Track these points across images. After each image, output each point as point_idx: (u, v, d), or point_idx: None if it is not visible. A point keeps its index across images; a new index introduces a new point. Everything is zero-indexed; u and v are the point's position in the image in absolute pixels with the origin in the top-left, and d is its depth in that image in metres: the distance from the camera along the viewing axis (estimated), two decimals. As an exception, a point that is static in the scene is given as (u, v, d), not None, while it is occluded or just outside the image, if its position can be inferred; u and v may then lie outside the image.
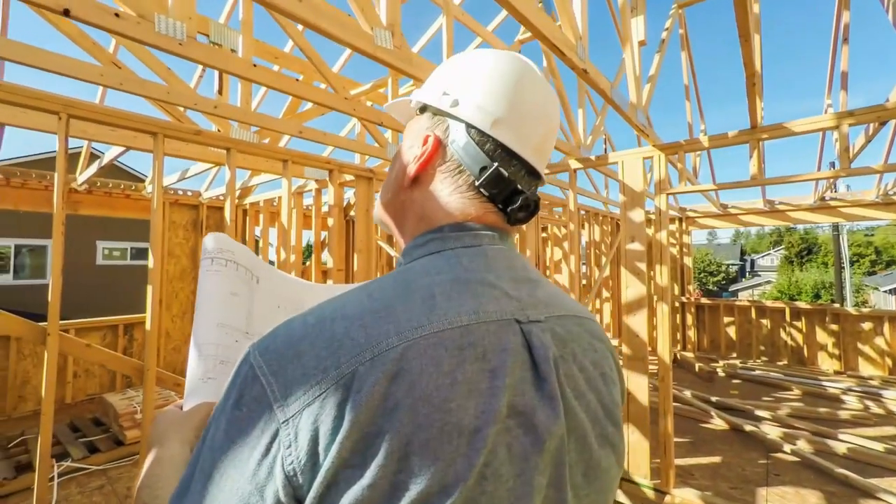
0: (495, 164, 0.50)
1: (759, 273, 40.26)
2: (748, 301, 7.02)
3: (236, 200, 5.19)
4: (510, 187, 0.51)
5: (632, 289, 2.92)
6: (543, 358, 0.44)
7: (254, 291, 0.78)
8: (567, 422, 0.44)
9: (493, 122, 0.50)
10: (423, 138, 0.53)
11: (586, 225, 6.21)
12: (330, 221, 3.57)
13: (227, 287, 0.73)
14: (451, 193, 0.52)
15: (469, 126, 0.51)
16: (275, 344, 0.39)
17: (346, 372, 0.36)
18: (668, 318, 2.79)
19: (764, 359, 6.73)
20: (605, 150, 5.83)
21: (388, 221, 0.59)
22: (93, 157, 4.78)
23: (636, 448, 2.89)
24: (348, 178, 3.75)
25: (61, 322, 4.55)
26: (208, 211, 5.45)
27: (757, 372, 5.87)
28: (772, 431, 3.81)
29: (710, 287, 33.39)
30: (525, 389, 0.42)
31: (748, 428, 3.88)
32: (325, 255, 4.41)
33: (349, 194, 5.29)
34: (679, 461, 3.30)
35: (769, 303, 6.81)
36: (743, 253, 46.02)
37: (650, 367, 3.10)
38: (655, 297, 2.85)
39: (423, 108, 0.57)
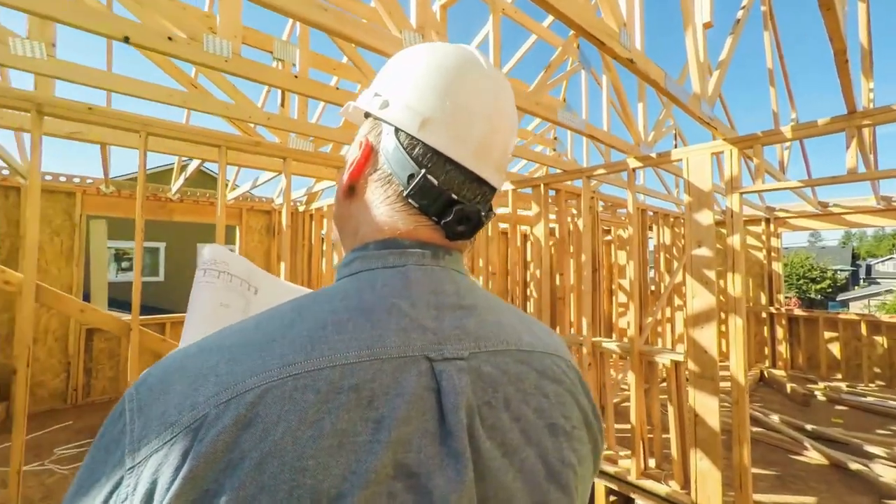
0: (423, 171, 0.44)
1: (878, 280, 34.55)
2: (857, 315, 6.00)
3: (301, 205, 5.56)
4: (443, 197, 0.44)
5: (698, 299, 2.61)
6: (453, 406, 0.36)
7: (250, 303, 0.78)
8: (482, 486, 0.36)
9: (422, 123, 0.44)
10: (357, 144, 0.49)
11: (654, 227, 5.74)
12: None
13: (217, 298, 0.74)
14: (381, 205, 0.46)
15: (397, 129, 0.45)
16: (152, 376, 0.35)
17: (199, 415, 0.31)
18: (742, 334, 2.45)
19: (879, 383, 5.71)
20: (675, 145, 5.35)
21: (335, 237, 0.55)
22: (183, 169, 5.39)
23: (705, 477, 2.57)
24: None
25: (165, 316, 5.20)
26: (280, 216, 5.88)
27: (869, 399, 5.00)
28: (887, 473, 3.20)
29: (813, 296, 29.26)
30: (423, 444, 0.35)
31: (854, 466, 3.30)
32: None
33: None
34: (761, 497, 2.90)
35: (886, 317, 5.77)
36: (855, 257, 39.83)
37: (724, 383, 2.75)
38: (728, 309, 2.53)
39: (367, 113, 0.52)
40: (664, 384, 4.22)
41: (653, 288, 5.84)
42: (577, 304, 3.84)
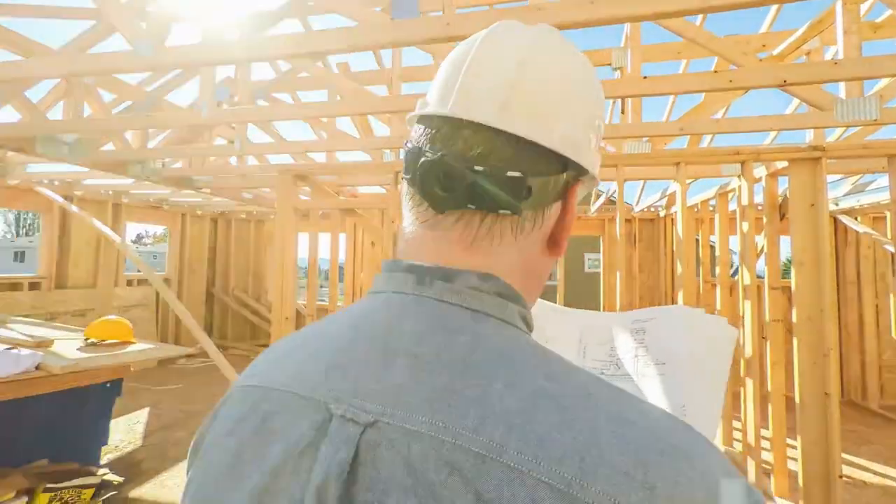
0: (407, 143, 0.41)
1: None
2: None
3: (662, 210, 5.11)
4: (415, 157, 0.38)
5: None
6: (313, 485, 0.29)
7: None
8: None
9: (420, 106, 0.42)
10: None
11: None
12: (744, 225, 2.82)
13: None
14: (404, 209, 0.42)
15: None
16: None
17: None
18: None
19: None
20: None
21: None
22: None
23: None
24: (780, 165, 2.82)
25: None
26: (640, 224, 5.70)
27: None
28: None
29: None
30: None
31: None
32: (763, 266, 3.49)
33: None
34: None
35: None
36: None
37: None
38: None
39: None
40: None
41: None
42: None
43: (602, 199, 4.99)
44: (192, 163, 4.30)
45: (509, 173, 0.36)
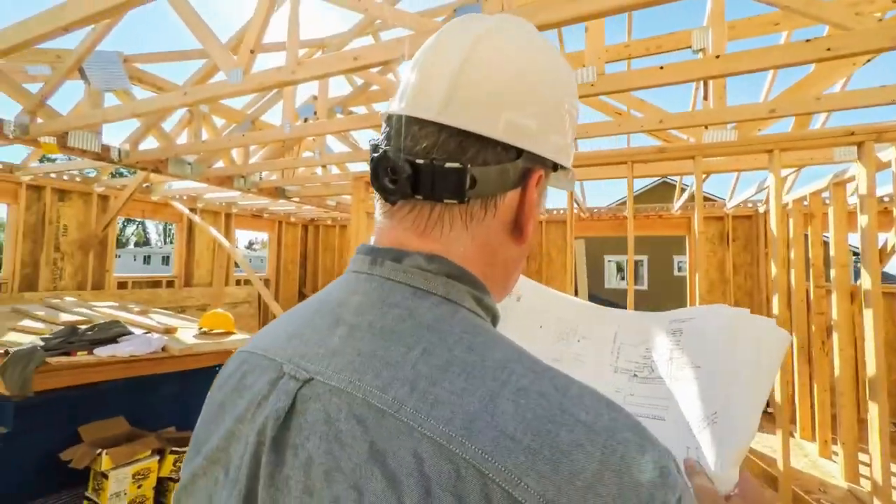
0: (370, 141, 0.45)
1: None
2: None
3: (762, 205, 4.49)
4: (374, 154, 0.41)
5: None
6: (255, 428, 0.35)
7: (508, 309, 0.85)
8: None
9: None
10: None
11: None
12: (864, 220, 2.38)
13: None
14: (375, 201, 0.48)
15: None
16: None
17: None
18: None
19: None
20: None
21: None
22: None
23: None
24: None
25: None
26: (734, 222, 5.08)
27: None
28: None
29: None
30: (234, 450, 0.37)
31: None
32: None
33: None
34: None
35: None
36: None
37: None
38: None
39: None
40: None
41: None
42: None
43: (685, 196, 4.55)
44: (283, 175, 4.83)
45: (448, 165, 0.38)
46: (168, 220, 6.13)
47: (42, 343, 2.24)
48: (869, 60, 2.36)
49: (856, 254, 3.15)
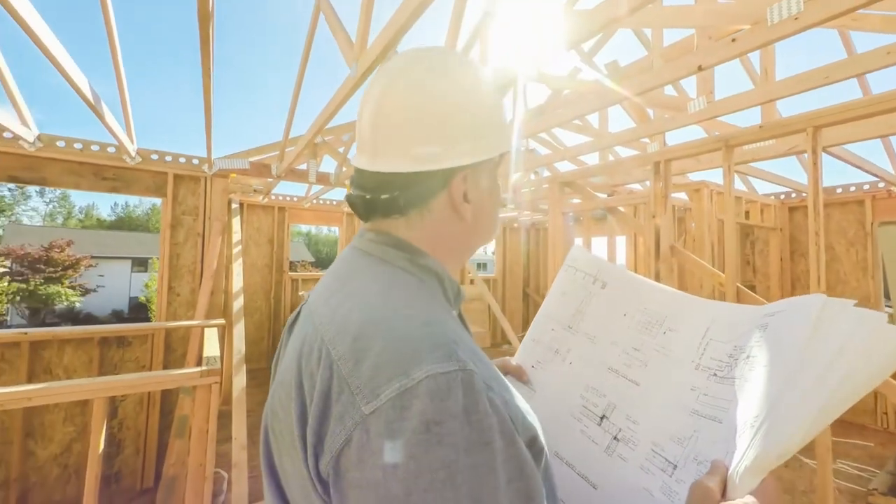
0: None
1: None
2: None
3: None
4: (347, 193, 0.61)
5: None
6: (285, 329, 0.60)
7: (592, 295, 0.91)
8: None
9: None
10: None
11: None
12: None
13: (559, 287, 0.95)
14: None
15: None
16: None
17: None
18: None
19: None
20: None
21: None
22: None
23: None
24: None
25: None
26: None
27: None
28: None
29: None
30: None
31: None
32: None
33: None
34: None
35: None
36: None
37: None
38: None
39: None
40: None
41: None
42: None
43: None
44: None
45: (382, 196, 0.54)
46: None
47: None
48: None
49: None
